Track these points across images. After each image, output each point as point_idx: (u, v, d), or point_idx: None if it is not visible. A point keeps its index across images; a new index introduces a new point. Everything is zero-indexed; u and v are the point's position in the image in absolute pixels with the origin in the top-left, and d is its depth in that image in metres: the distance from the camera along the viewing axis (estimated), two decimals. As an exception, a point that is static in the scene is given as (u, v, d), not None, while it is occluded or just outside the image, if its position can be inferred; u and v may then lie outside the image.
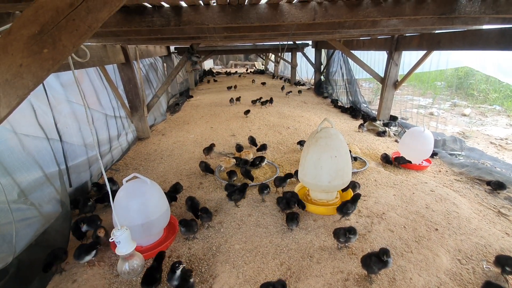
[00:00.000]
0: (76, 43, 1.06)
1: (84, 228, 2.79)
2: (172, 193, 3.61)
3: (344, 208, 3.04)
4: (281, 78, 15.97)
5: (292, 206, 3.17)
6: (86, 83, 4.41)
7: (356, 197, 3.14)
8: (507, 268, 2.29)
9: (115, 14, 2.66)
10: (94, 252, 2.55)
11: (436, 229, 3.01)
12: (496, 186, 3.65)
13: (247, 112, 7.67)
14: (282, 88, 11.80)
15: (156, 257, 2.44)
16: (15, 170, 2.56)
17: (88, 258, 2.53)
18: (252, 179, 3.96)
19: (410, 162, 4.44)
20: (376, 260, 2.27)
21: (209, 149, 4.90)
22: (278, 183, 3.70)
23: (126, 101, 5.69)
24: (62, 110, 3.54)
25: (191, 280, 2.23)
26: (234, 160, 4.48)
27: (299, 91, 11.05)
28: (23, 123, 2.84)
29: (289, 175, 3.72)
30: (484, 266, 2.51)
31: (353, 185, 3.59)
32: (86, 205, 3.22)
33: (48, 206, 2.83)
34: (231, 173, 4.03)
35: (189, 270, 2.27)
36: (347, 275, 2.43)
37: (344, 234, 2.62)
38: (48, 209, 2.81)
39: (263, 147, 5.07)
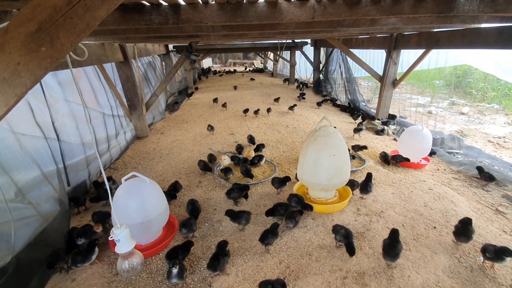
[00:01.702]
0: (74, 41, 1.05)
1: (81, 241, 2.66)
2: (171, 192, 3.60)
3: (364, 187, 3.51)
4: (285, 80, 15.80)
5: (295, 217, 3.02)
6: (84, 82, 4.40)
7: (370, 176, 3.59)
8: (487, 254, 2.41)
9: (113, 12, 2.64)
10: (95, 253, 2.55)
11: (434, 227, 3.02)
12: (487, 178, 3.79)
13: (246, 110, 7.67)
14: (320, 104, 8.66)
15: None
16: (12, 169, 2.55)
17: (92, 259, 2.54)
18: (251, 177, 3.97)
19: (408, 160, 4.45)
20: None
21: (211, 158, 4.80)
22: (277, 185, 3.67)
23: (124, 100, 5.67)
24: (60, 109, 3.52)
25: (227, 248, 2.56)
26: (229, 158, 4.46)
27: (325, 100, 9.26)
28: (20, 122, 2.82)
29: (287, 178, 3.67)
30: (481, 262, 2.53)
31: (351, 183, 3.60)
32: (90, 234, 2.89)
33: (46, 205, 2.82)
34: (226, 171, 4.05)
35: (225, 241, 2.58)
36: (346, 273, 2.44)
37: (344, 236, 2.63)
38: (46, 208, 2.81)
39: (258, 148, 5.04)
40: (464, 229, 2.69)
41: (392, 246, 2.47)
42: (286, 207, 3.13)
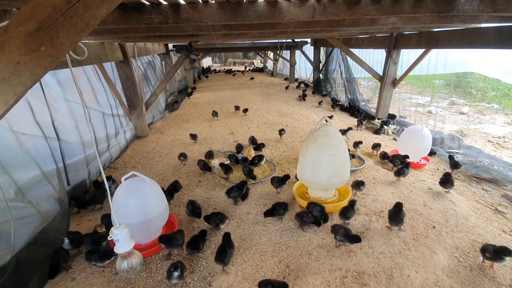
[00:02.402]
0: (74, 40, 1.05)
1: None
2: (171, 191, 3.60)
3: (401, 171, 3.87)
4: (281, 78, 15.71)
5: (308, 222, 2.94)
6: (84, 81, 4.39)
7: (407, 164, 3.95)
8: (487, 254, 2.43)
9: (113, 11, 2.64)
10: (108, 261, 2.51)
11: (434, 227, 3.03)
12: (452, 165, 4.27)
13: (245, 110, 7.67)
14: (334, 106, 8.22)
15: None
16: (12, 168, 2.55)
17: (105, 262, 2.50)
18: (254, 178, 3.97)
19: (407, 157, 4.42)
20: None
21: (210, 155, 4.80)
22: (276, 184, 3.66)
23: (124, 99, 5.67)
24: (59, 108, 3.52)
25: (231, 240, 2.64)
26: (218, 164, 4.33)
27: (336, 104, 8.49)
28: (20, 121, 2.82)
29: (287, 177, 3.67)
30: (480, 261, 2.53)
31: (359, 182, 3.59)
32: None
33: (46, 205, 2.82)
34: (226, 169, 4.07)
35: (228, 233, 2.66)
36: (345, 273, 2.44)
37: (344, 235, 2.63)
38: (46, 208, 2.81)
39: (259, 147, 5.03)
40: (447, 179, 3.57)
41: (396, 213, 2.88)
42: (286, 207, 3.13)
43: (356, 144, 5.07)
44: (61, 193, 3.05)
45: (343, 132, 5.45)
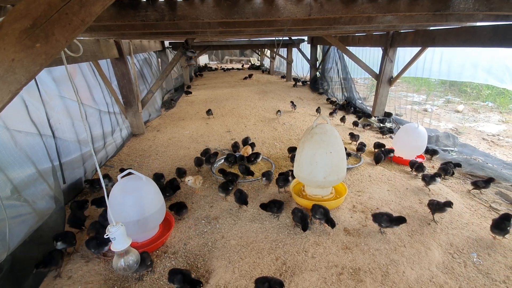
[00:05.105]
0: (69, 37, 1.05)
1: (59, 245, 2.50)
2: (169, 187, 3.61)
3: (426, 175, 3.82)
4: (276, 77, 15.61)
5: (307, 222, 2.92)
6: (79, 78, 4.35)
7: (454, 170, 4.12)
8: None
9: (109, 8, 2.62)
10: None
11: (429, 224, 3.06)
12: (431, 153, 4.64)
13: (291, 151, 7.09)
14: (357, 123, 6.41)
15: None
16: (7, 166, 2.52)
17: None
18: (252, 174, 3.98)
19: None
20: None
21: (207, 153, 4.78)
22: (282, 183, 3.60)
23: (120, 97, 5.63)
24: (55, 105, 3.49)
25: None
26: (193, 180, 3.71)
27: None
28: (15, 119, 2.79)
29: (290, 172, 3.68)
30: (475, 259, 2.57)
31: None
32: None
33: (42, 203, 2.80)
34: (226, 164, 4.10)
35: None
36: (341, 269, 2.47)
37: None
38: (42, 206, 2.79)
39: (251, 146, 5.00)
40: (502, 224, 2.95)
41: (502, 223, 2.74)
42: (280, 205, 3.13)
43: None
44: (57, 192, 3.03)
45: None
